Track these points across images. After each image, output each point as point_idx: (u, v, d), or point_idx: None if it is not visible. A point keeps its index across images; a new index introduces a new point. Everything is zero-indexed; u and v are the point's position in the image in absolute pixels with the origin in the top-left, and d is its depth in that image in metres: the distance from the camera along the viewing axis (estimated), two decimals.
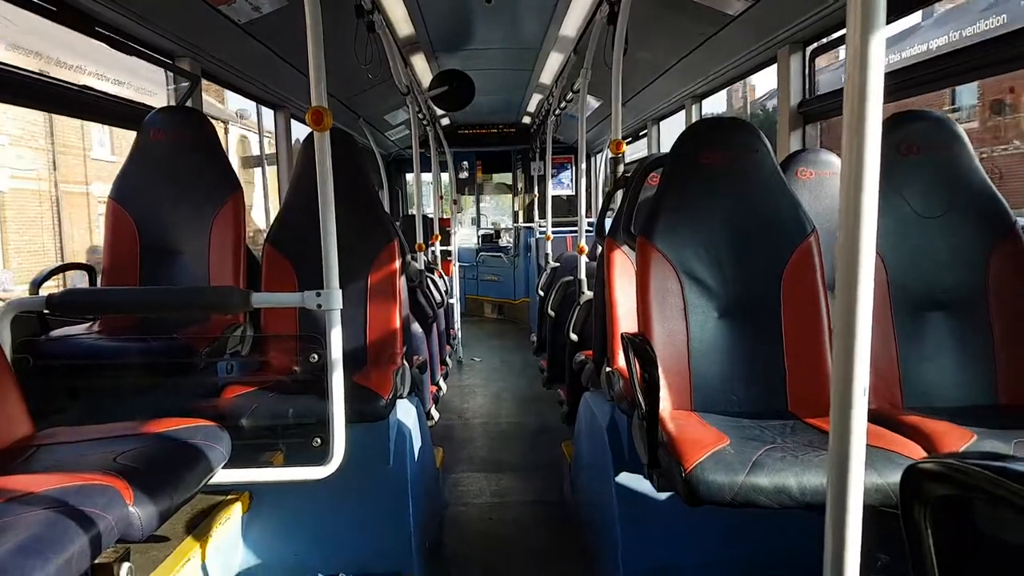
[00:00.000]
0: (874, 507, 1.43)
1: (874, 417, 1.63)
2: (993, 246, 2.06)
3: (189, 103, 3.07)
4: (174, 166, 2.62)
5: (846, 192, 0.95)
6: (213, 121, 2.81)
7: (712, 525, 2.12)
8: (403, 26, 4.37)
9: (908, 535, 0.87)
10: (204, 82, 3.20)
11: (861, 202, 0.94)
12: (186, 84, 3.12)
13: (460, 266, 7.61)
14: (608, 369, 2.42)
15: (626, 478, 2.20)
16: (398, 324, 2.61)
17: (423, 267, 4.65)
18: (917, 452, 1.58)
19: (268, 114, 4.49)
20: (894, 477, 1.44)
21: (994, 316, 2.05)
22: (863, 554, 0.99)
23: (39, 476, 1.36)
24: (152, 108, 2.85)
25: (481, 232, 10.23)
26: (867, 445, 0.98)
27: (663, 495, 1.76)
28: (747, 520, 2.06)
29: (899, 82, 2.47)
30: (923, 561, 0.85)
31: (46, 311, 1.87)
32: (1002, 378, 2.01)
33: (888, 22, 0.93)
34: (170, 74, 3.19)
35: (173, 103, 3.22)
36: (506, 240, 10.01)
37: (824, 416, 1.84)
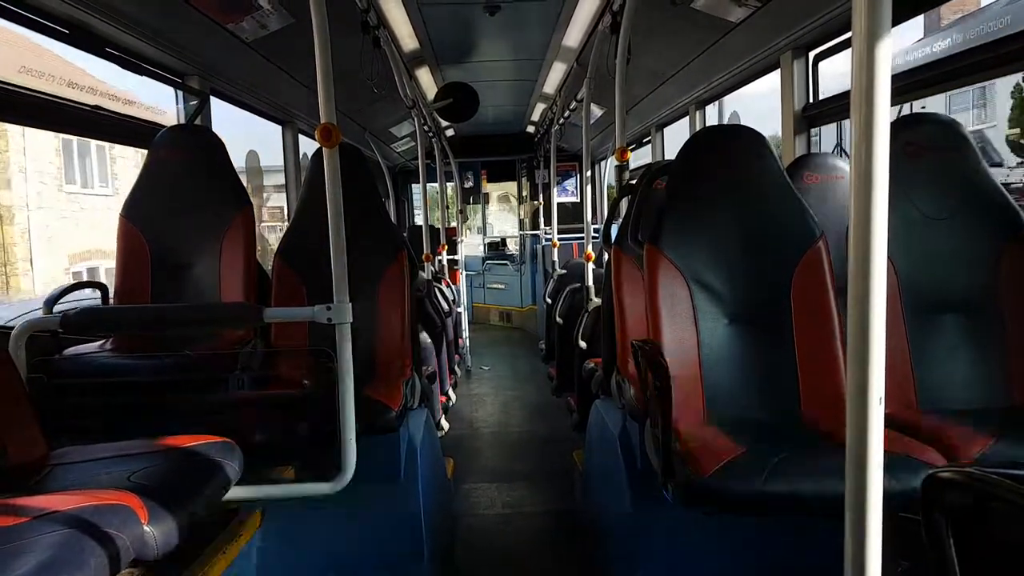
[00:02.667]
0: (893, 513, 1.42)
1: (889, 420, 1.61)
2: (1004, 247, 2.05)
3: (198, 121, 3.11)
4: (184, 183, 2.65)
5: (856, 196, 0.94)
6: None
7: (729, 534, 2.10)
8: (408, 41, 4.41)
9: (930, 544, 0.86)
10: None
11: (871, 206, 0.93)
12: (195, 102, 3.15)
13: (467, 274, 7.63)
14: (618, 377, 2.41)
15: (639, 487, 2.18)
16: (407, 335, 2.61)
17: (431, 277, 4.67)
18: (935, 457, 1.56)
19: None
20: (913, 483, 1.42)
21: (1007, 317, 2.03)
22: (883, 560, 0.98)
23: (54, 496, 1.36)
24: (162, 127, 2.88)
25: (487, 240, 10.25)
26: (884, 451, 0.97)
27: (678, 504, 1.75)
28: (764, 528, 2.05)
29: (904, 85, 2.47)
30: (946, 570, 0.84)
31: (60, 330, 1.88)
32: (1016, 379, 1.99)
33: (893, 25, 0.93)
34: (179, 92, 3.22)
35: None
36: (512, 248, 10.03)
37: (839, 420, 1.83)
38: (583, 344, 3.39)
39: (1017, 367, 2.00)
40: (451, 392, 4.87)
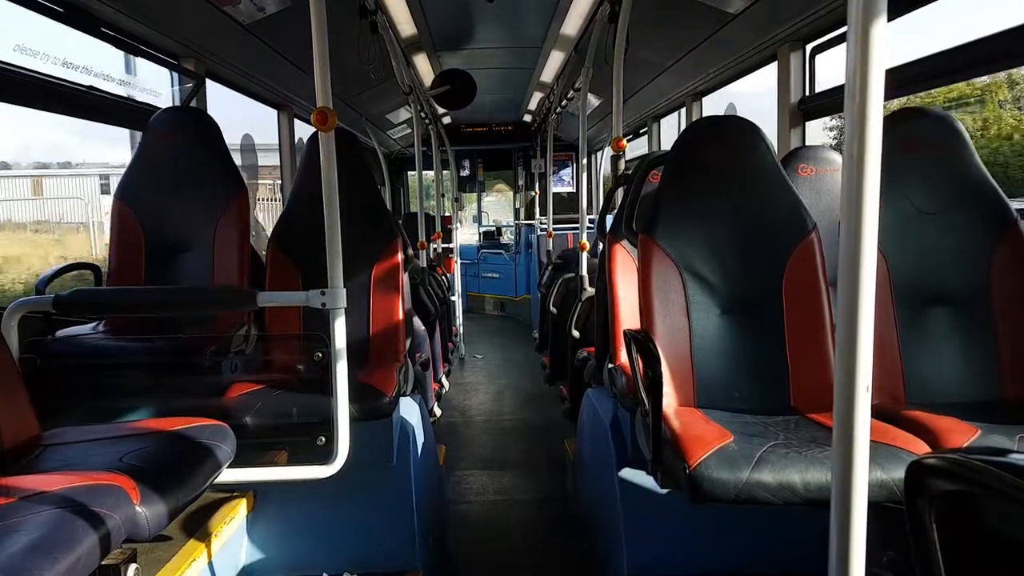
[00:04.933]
0: (879, 503, 1.44)
1: (877, 412, 1.63)
2: (996, 242, 2.06)
3: (194, 103, 3.09)
4: (179, 166, 2.63)
5: (848, 189, 0.95)
6: None
7: (716, 522, 2.13)
8: (406, 26, 4.38)
9: (913, 531, 0.87)
10: None
11: (863, 199, 0.94)
12: (191, 84, 3.13)
13: (461, 263, 7.63)
14: (610, 366, 2.42)
15: (630, 475, 2.20)
16: (401, 322, 2.62)
17: (425, 265, 4.67)
18: (921, 448, 1.58)
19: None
20: (898, 473, 1.44)
21: (997, 311, 2.05)
22: (868, 550, 0.99)
23: (46, 476, 1.37)
24: (157, 108, 2.86)
25: (483, 229, 10.24)
26: (871, 441, 0.99)
27: (667, 492, 1.77)
28: (752, 517, 2.07)
29: (900, 79, 2.47)
30: (928, 557, 0.85)
31: (53, 311, 1.88)
32: (1005, 373, 2.01)
33: (889, 19, 0.93)
34: (175, 74, 3.20)
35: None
36: (507, 237, 10.03)
37: (827, 411, 1.84)
38: (576, 333, 3.40)
39: (1006, 361, 2.02)
40: (444, 380, 4.89)
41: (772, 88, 3.29)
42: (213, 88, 3.37)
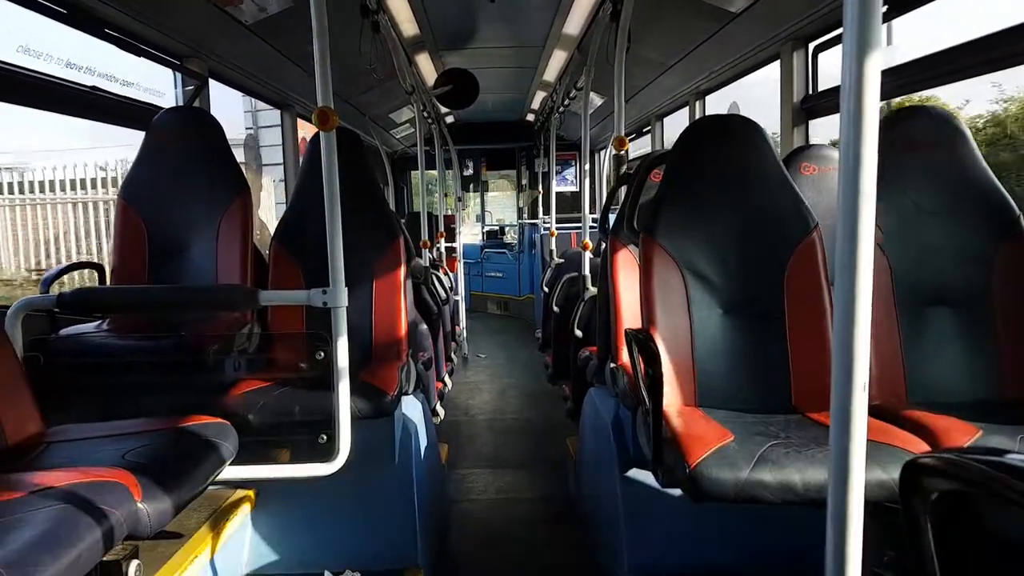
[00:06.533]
0: (879, 503, 1.44)
1: (877, 412, 1.63)
2: (998, 241, 2.06)
3: (197, 103, 3.10)
4: (182, 166, 2.65)
5: (844, 187, 0.95)
6: None
7: (717, 521, 2.13)
8: (408, 26, 4.39)
9: (908, 530, 0.87)
10: None
11: (859, 198, 0.94)
12: (193, 85, 3.14)
13: (464, 262, 7.63)
14: (612, 365, 2.43)
15: (631, 474, 2.21)
16: (404, 321, 2.63)
17: (428, 264, 4.67)
18: (921, 447, 1.58)
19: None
20: (897, 472, 1.44)
21: (998, 311, 2.04)
22: (866, 550, 0.99)
23: (49, 473, 1.38)
24: (161, 108, 2.88)
25: (486, 228, 10.24)
26: (870, 440, 0.99)
27: (668, 491, 1.78)
28: (752, 516, 2.07)
29: (898, 80, 2.46)
30: (924, 556, 0.85)
31: (56, 310, 1.89)
32: (1006, 372, 2.01)
33: (886, 20, 0.93)
34: (178, 75, 3.21)
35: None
36: (510, 236, 10.02)
37: (828, 411, 1.84)
38: (579, 333, 3.41)
39: (1007, 361, 2.01)
40: (447, 379, 4.89)
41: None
42: (215, 85, 3.38)
